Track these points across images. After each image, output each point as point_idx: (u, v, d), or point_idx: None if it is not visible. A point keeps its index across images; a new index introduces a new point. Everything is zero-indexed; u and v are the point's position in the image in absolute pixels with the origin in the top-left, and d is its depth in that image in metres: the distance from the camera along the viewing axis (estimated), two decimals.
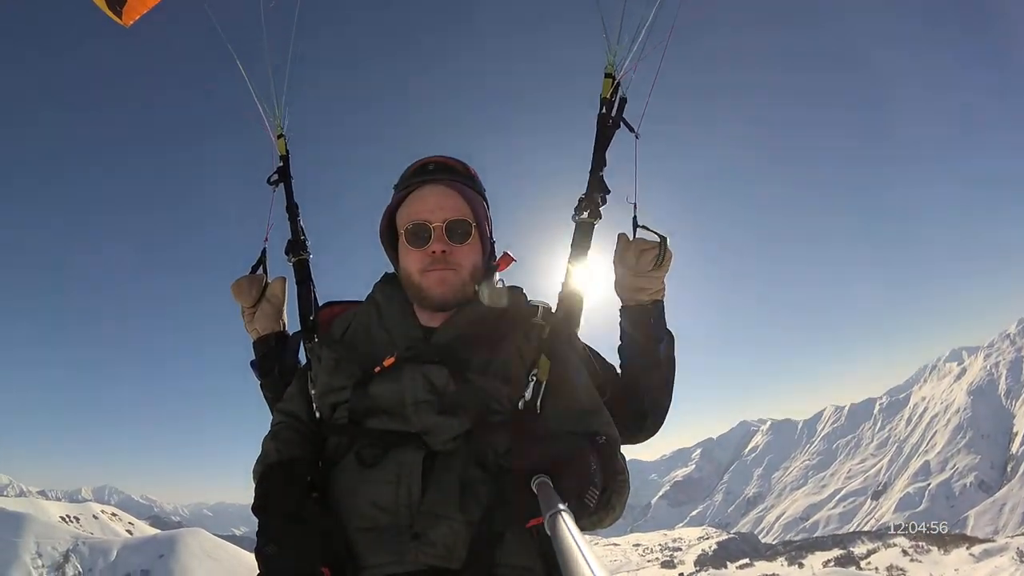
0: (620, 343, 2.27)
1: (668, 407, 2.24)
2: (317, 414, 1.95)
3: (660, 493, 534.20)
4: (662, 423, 2.24)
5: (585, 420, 1.79)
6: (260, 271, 2.50)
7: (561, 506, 1.13)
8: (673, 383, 2.25)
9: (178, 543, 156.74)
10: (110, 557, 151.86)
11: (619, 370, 2.25)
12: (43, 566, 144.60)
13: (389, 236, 2.07)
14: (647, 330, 2.20)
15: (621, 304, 2.26)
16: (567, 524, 1.04)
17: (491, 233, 2.08)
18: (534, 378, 1.83)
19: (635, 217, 2.21)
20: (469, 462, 1.70)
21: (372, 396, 1.80)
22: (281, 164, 2.57)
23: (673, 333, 2.25)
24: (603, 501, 1.55)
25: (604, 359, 2.23)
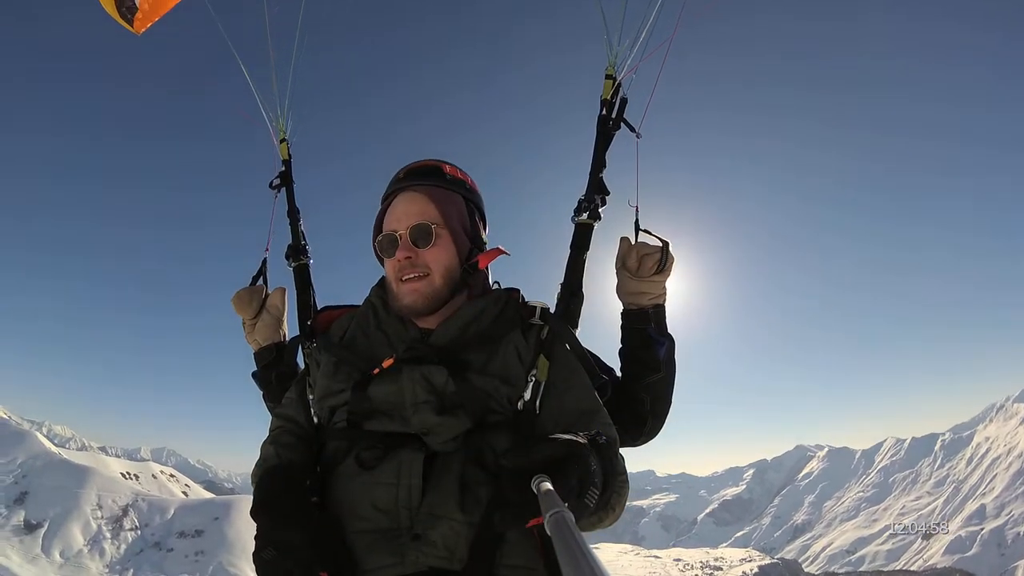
0: (621, 346, 2.26)
1: (668, 410, 2.24)
2: (316, 419, 1.95)
3: (707, 510, 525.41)
4: (662, 426, 2.24)
5: (585, 420, 1.78)
6: (260, 282, 2.51)
7: (562, 506, 1.12)
8: (673, 387, 2.24)
9: (232, 508, 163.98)
10: (167, 515, 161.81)
11: (619, 373, 2.24)
12: (102, 517, 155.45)
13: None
14: (647, 334, 2.20)
15: (622, 308, 2.26)
16: (568, 524, 1.04)
17: (473, 229, 2.05)
18: (533, 378, 1.83)
19: (637, 220, 2.23)
20: (469, 462, 1.70)
21: (371, 397, 1.79)
22: (283, 168, 2.59)
23: (673, 337, 2.24)
24: (603, 501, 1.51)
25: (603, 362, 2.21)
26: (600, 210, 2.18)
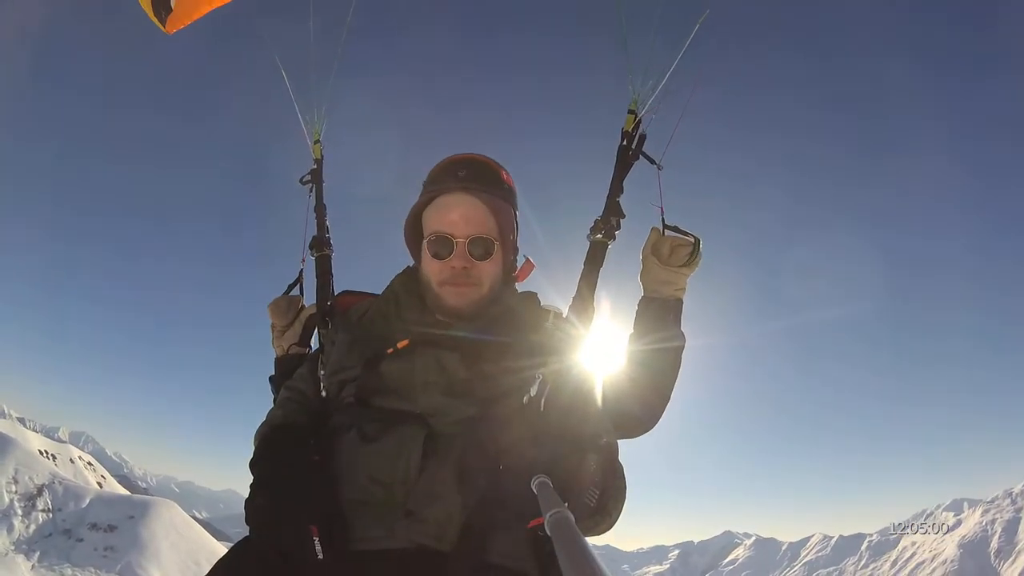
0: (632, 332, 2.32)
1: (667, 402, 2.27)
2: (324, 393, 1.97)
3: None
4: (660, 416, 2.27)
5: (587, 422, 1.80)
6: (296, 291, 2.61)
7: (562, 506, 1.13)
8: (674, 381, 2.27)
9: (150, 510, 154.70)
10: (82, 503, 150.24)
11: (625, 359, 2.29)
12: (16, 492, 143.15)
13: (413, 233, 2.09)
14: (664, 323, 2.26)
15: (643, 295, 2.33)
16: (568, 524, 1.04)
17: (516, 241, 2.12)
18: (540, 375, 1.86)
19: (663, 218, 2.30)
20: (470, 447, 1.71)
21: (382, 374, 1.82)
22: (315, 167, 2.67)
23: (685, 335, 2.29)
24: (601, 504, 1.56)
25: (609, 370, 2.27)
26: (615, 232, 2.29)
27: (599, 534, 1.70)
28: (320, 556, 1.52)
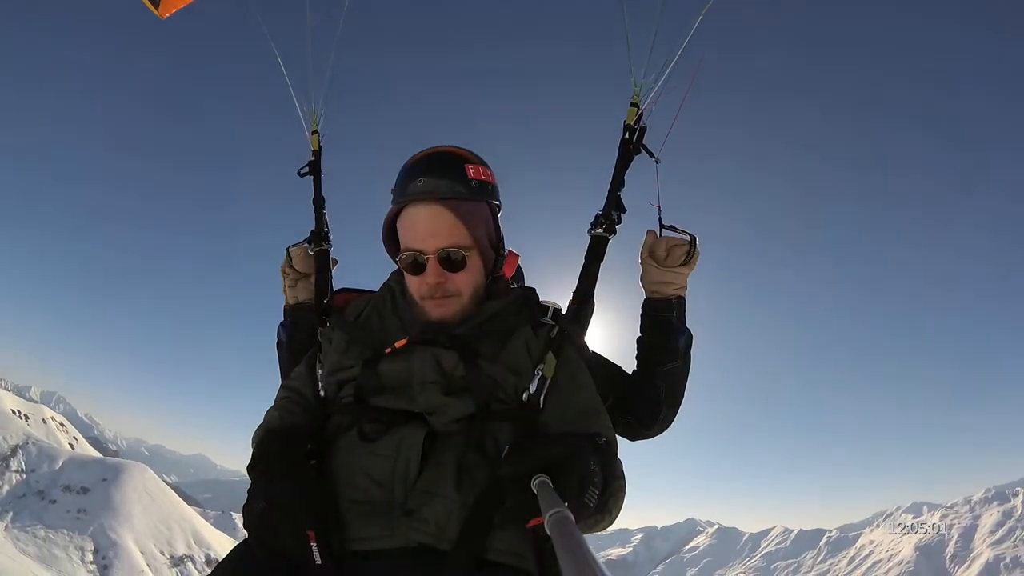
0: (640, 335, 2.34)
1: (681, 400, 2.28)
2: (322, 393, 1.96)
3: None
4: (675, 415, 2.29)
5: (586, 420, 1.80)
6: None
7: (562, 506, 1.13)
8: (687, 379, 2.29)
9: (123, 473, 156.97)
10: (55, 465, 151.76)
11: (635, 361, 2.32)
12: None
13: (391, 243, 2.05)
14: (669, 321, 2.27)
15: (645, 296, 2.35)
16: (568, 524, 1.04)
17: (497, 237, 2.04)
18: (539, 372, 1.85)
19: (660, 218, 2.31)
20: (469, 446, 1.71)
21: (380, 374, 1.81)
22: (313, 159, 2.63)
23: (692, 332, 2.31)
24: (601, 503, 1.53)
25: (611, 362, 2.30)
26: (616, 226, 2.26)
27: (601, 530, 1.73)
28: (318, 561, 1.52)
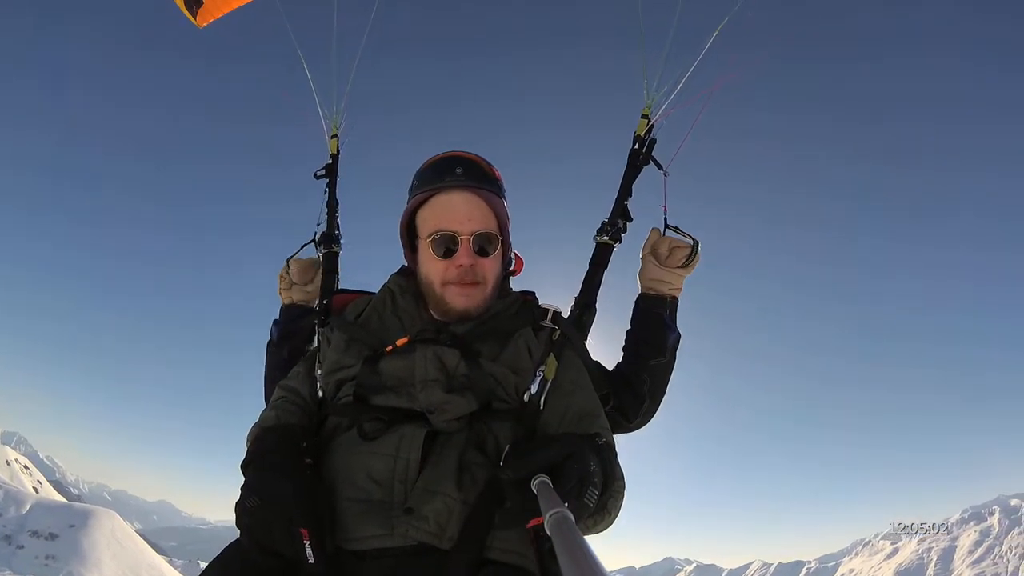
0: (630, 328, 2.40)
1: (663, 396, 2.33)
2: (320, 393, 1.96)
3: None
4: (656, 410, 2.33)
5: (586, 421, 1.81)
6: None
7: (562, 506, 1.13)
8: (670, 376, 2.35)
9: (91, 519, 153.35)
10: (22, 509, 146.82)
11: (622, 352, 2.38)
12: None
13: (408, 234, 2.06)
14: (661, 318, 2.33)
15: (640, 292, 2.40)
16: (568, 524, 1.04)
17: (510, 237, 2.09)
18: (540, 374, 1.87)
19: (665, 219, 2.36)
20: (470, 444, 1.73)
21: (381, 372, 1.82)
22: (330, 162, 2.67)
23: (681, 333, 2.37)
24: (601, 504, 1.54)
25: (606, 368, 2.29)
26: (622, 235, 2.30)
27: (600, 531, 1.71)
28: (311, 560, 1.50)
